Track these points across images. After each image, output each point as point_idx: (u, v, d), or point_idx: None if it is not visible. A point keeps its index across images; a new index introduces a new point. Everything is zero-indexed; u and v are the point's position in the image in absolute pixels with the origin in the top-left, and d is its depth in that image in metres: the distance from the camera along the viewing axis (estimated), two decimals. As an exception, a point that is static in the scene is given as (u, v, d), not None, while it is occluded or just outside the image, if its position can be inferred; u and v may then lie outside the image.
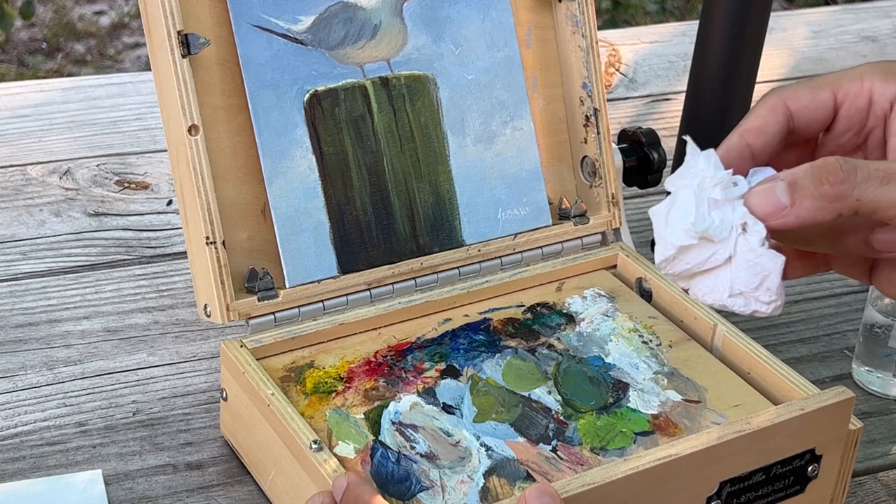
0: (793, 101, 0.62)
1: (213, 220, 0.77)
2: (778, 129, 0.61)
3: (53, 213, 1.04)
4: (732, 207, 0.58)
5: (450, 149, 0.85)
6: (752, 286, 0.58)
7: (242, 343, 0.78)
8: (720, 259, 0.58)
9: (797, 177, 0.57)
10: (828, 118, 0.62)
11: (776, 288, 0.58)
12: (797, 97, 0.62)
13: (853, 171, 0.56)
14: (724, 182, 0.58)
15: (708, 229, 0.57)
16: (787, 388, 0.77)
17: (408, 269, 0.83)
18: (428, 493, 0.70)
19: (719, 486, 0.72)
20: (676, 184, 0.59)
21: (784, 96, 0.62)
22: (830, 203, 0.56)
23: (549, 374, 0.79)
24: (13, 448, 0.81)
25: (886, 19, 1.49)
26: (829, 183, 0.56)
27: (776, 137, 0.61)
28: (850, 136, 0.63)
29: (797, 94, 0.62)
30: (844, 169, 0.56)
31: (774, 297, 0.59)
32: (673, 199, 0.59)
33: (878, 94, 0.61)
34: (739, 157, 0.61)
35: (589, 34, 0.88)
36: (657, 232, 0.59)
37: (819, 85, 0.62)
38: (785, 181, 0.57)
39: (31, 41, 2.87)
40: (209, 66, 0.78)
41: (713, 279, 0.59)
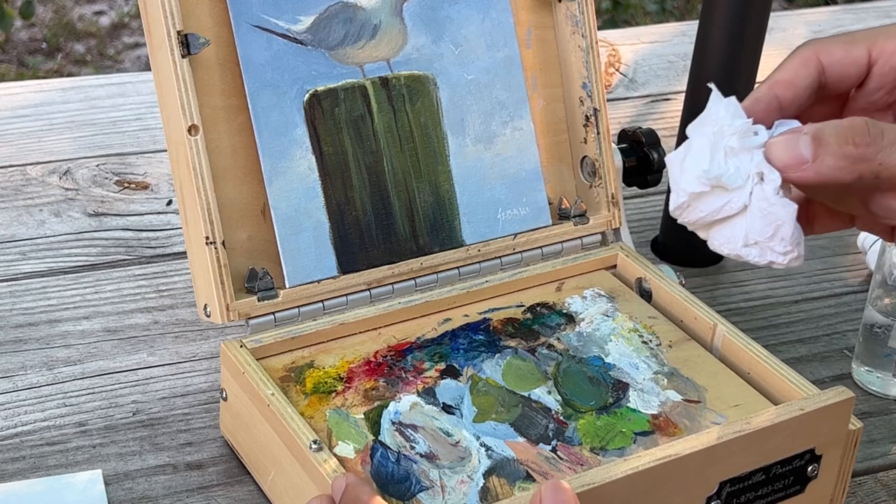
0: (826, 55, 0.60)
1: (212, 220, 0.77)
2: (809, 83, 0.60)
3: (53, 213, 1.04)
4: (750, 156, 0.57)
5: (450, 149, 0.85)
6: (766, 235, 0.57)
7: (242, 343, 0.78)
8: (735, 208, 0.57)
9: (822, 132, 0.56)
10: (861, 74, 0.61)
11: (790, 237, 0.57)
12: (830, 51, 0.60)
13: (879, 135, 0.55)
14: (743, 130, 0.57)
15: (721, 177, 0.57)
16: (787, 388, 0.77)
17: (408, 269, 0.83)
18: (428, 493, 0.70)
19: (719, 486, 0.72)
20: (695, 131, 0.58)
21: (817, 49, 0.60)
22: (853, 164, 0.56)
23: (548, 374, 0.79)
24: (13, 448, 0.81)
25: (886, 19, 1.49)
26: (853, 143, 0.55)
27: (806, 91, 0.60)
28: (882, 94, 0.62)
29: (830, 49, 0.60)
30: (872, 132, 0.55)
31: (790, 248, 0.58)
32: (689, 146, 0.58)
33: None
34: (767, 109, 0.60)
35: (589, 34, 0.88)
36: (672, 178, 0.58)
37: (854, 40, 0.61)
38: (809, 134, 0.56)
39: (31, 41, 2.87)
40: (209, 66, 0.78)
41: (729, 229, 0.58)
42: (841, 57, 0.60)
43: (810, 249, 1.07)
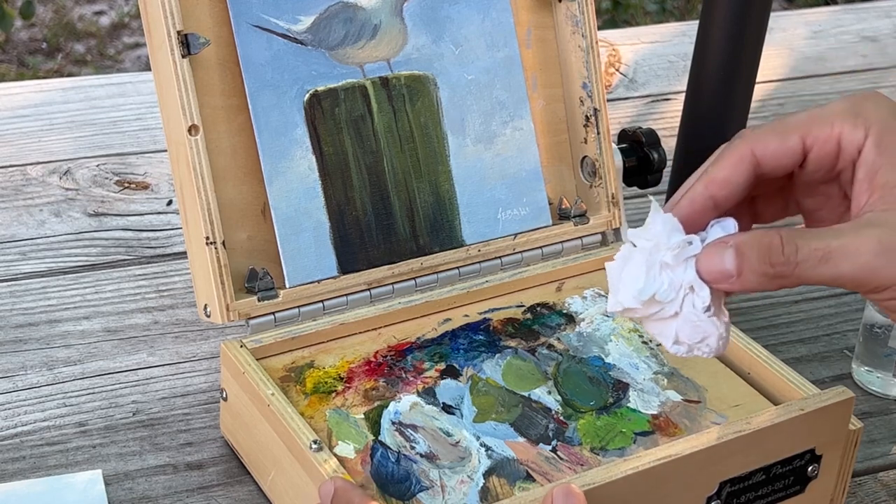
0: (760, 147, 0.62)
1: (213, 220, 0.77)
2: (744, 179, 0.62)
3: (53, 214, 1.04)
4: (684, 267, 0.61)
5: (450, 149, 0.85)
6: (694, 340, 0.62)
7: (242, 343, 0.78)
8: (667, 314, 0.62)
9: (744, 247, 0.59)
10: (796, 163, 0.63)
11: (716, 345, 0.62)
12: (765, 144, 0.62)
13: (794, 253, 0.58)
14: (679, 246, 0.61)
15: (656, 294, 0.61)
16: (787, 388, 0.77)
17: (408, 269, 0.83)
18: (428, 493, 0.70)
19: (719, 486, 0.72)
20: (635, 241, 0.62)
21: (752, 144, 0.62)
22: (772, 279, 0.59)
23: (548, 375, 0.79)
24: (13, 448, 0.81)
25: (886, 19, 1.49)
26: (770, 263, 0.59)
27: (742, 187, 0.62)
28: (821, 174, 0.63)
29: (765, 141, 0.62)
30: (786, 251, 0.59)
31: (716, 348, 0.63)
32: (627, 258, 0.62)
33: (847, 140, 0.61)
34: (703, 210, 0.62)
35: (589, 34, 0.88)
36: (610, 284, 0.62)
37: (787, 130, 0.62)
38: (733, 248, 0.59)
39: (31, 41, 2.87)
40: (209, 66, 0.78)
41: (660, 326, 0.63)
42: (775, 149, 0.62)
43: (810, 249, 1.07)
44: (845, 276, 0.59)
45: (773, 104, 1.30)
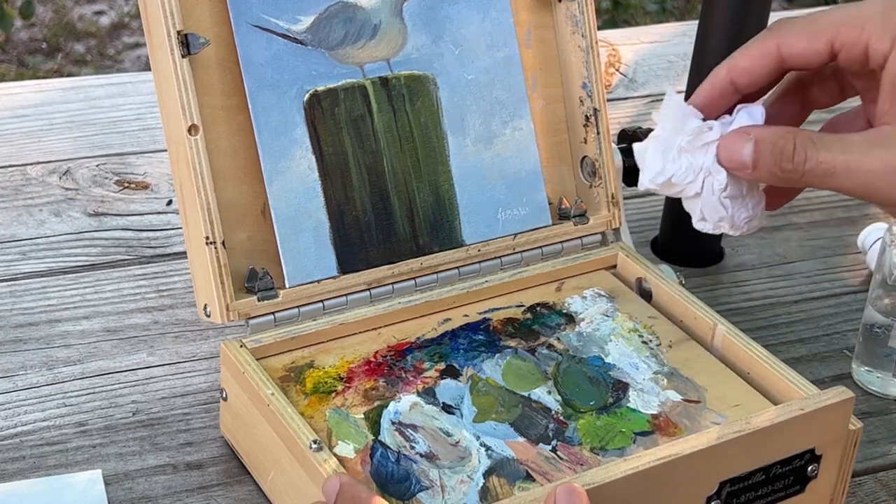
0: (787, 45, 0.63)
1: (212, 220, 0.77)
2: (767, 72, 0.64)
3: (53, 213, 1.04)
4: (704, 151, 0.65)
5: (450, 149, 0.85)
6: (715, 219, 0.66)
7: (242, 343, 0.78)
8: (689, 193, 0.66)
9: (762, 143, 0.62)
10: (824, 62, 0.64)
11: (741, 224, 0.67)
12: (791, 42, 0.63)
13: (802, 162, 0.61)
14: (694, 132, 0.64)
15: (672, 176, 0.65)
16: (787, 388, 0.77)
17: (408, 269, 0.83)
18: (428, 493, 0.70)
19: (719, 486, 0.72)
20: (658, 122, 0.66)
21: (780, 39, 0.63)
22: (783, 175, 0.62)
23: (548, 374, 0.79)
24: (13, 448, 0.81)
25: (886, 19, 1.49)
26: (780, 166, 0.62)
27: (763, 79, 0.65)
28: (856, 70, 0.64)
29: (792, 40, 0.63)
30: (795, 159, 0.61)
31: (740, 227, 0.67)
32: (648, 142, 0.67)
33: (874, 48, 0.62)
34: (722, 95, 0.65)
35: (589, 34, 0.88)
36: (639, 166, 0.67)
37: (816, 31, 0.63)
38: (752, 141, 0.62)
39: (31, 41, 2.87)
40: (209, 66, 0.78)
41: (688, 203, 0.67)
42: (802, 50, 0.64)
43: (810, 249, 1.07)
44: (846, 190, 0.61)
45: (773, 104, 1.30)
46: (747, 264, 1.05)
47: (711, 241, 1.06)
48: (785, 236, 1.09)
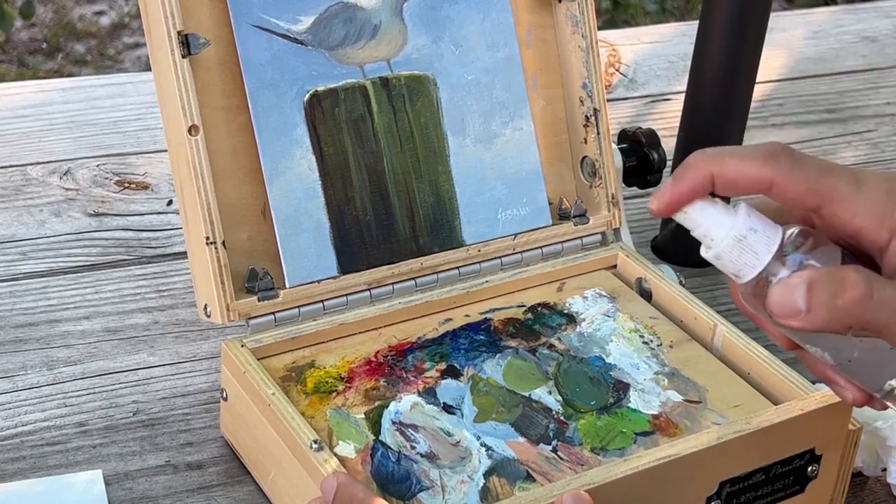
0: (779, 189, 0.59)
1: (213, 221, 0.77)
2: (750, 192, 0.60)
3: (53, 214, 1.04)
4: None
5: (450, 149, 0.85)
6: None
7: (243, 343, 0.78)
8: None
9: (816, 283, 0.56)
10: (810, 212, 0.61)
11: None
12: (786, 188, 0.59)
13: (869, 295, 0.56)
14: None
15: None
16: (787, 388, 0.77)
17: (408, 270, 0.83)
18: (428, 493, 0.70)
19: (719, 486, 0.72)
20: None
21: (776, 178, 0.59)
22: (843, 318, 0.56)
23: (549, 375, 0.79)
24: (13, 448, 0.81)
25: (886, 19, 1.49)
26: (843, 300, 0.56)
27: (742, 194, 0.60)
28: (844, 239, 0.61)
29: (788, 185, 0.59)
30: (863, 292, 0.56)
31: None
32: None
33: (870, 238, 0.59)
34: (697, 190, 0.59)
35: (589, 34, 0.88)
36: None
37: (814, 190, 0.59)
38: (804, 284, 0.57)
39: (31, 41, 2.87)
40: (209, 67, 0.78)
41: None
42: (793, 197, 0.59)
43: (810, 249, 1.07)
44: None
45: (772, 104, 1.30)
46: (747, 264, 1.05)
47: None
48: (785, 236, 1.09)
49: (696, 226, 0.59)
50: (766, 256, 0.58)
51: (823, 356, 0.61)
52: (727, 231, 0.58)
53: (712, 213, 0.59)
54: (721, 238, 0.59)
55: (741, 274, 0.59)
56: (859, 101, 1.32)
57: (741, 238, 0.58)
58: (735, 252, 0.58)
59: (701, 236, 0.60)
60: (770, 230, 0.58)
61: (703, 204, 0.59)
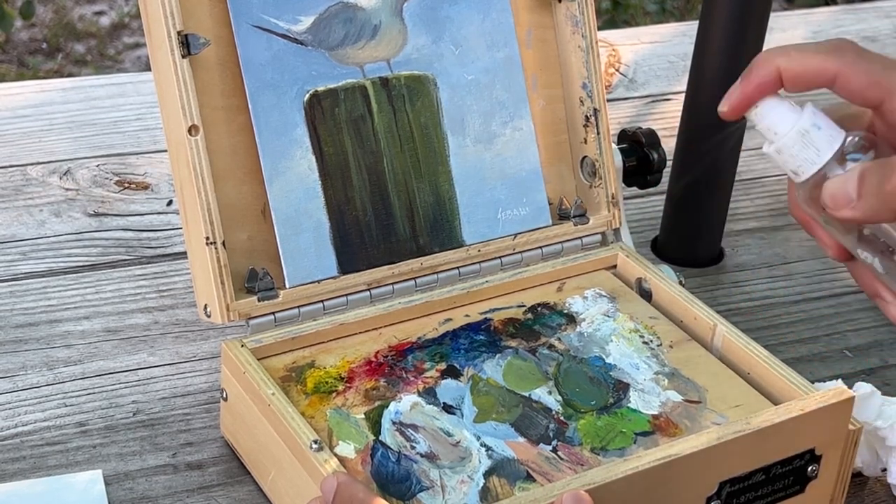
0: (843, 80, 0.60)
1: (213, 221, 0.77)
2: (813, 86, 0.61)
3: (53, 214, 1.04)
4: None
5: (450, 149, 0.85)
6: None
7: (243, 343, 0.78)
8: None
9: (867, 171, 0.57)
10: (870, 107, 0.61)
11: None
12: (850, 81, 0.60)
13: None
14: None
15: None
16: (787, 388, 0.77)
17: (408, 270, 0.83)
18: (428, 493, 0.70)
19: (719, 486, 0.72)
20: None
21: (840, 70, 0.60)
22: (890, 204, 0.57)
23: (549, 375, 0.79)
24: (13, 448, 0.81)
25: (886, 19, 1.49)
26: (891, 184, 0.56)
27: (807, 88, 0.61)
28: None
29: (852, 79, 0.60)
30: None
31: None
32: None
33: None
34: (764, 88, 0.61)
35: (589, 34, 0.88)
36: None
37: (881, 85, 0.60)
38: (856, 173, 0.57)
39: (31, 41, 2.87)
40: (209, 67, 0.78)
41: None
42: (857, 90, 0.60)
43: (810, 250, 1.07)
44: None
45: (773, 104, 1.30)
46: (747, 264, 1.05)
47: (711, 241, 1.06)
48: (785, 236, 1.09)
49: (762, 119, 0.60)
50: (827, 153, 0.59)
51: (873, 262, 0.61)
52: (792, 125, 0.59)
53: (779, 108, 0.60)
54: (785, 132, 0.59)
55: (801, 170, 0.59)
56: (859, 101, 1.32)
57: (805, 132, 0.59)
58: (797, 146, 0.59)
59: (765, 129, 0.60)
60: (834, 130, 0.59)
61: (771, 99, 0.60)
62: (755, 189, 1.15)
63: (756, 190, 1.15)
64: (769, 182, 1.16)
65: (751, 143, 1.15)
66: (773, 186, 1.16)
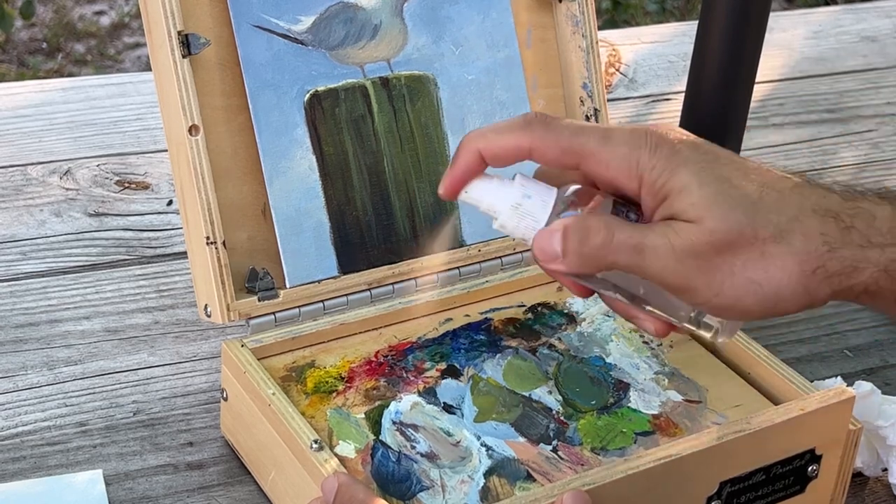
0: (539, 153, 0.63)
1: (213, 220, 0.77)
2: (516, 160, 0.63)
3: (54, 213, 1.04)
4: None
5: (450, 149, 0.85)
6: None
7: (243, 343, 0.78)
8: None
9: (569, 229, 0.60)
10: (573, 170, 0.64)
11: None
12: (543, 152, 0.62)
13: (609, 239, 0.60)
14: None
15: None
16: (787, 388, 0.77)
17: (408, 269, 0.83)
18: (428, 493, 0.70)
19: (719, 486, 0.72)
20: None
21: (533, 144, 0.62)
22: (591, 262, 0.60)
23: (549, 374, 0.79)
24: (14, 448, 0.81)
25: (886, 19, 1.49)
26: (588, 246, 0.60)
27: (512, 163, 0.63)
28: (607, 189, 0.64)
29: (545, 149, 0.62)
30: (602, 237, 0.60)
31: None
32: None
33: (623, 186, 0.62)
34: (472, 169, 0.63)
35: (589, 34, 0.88)
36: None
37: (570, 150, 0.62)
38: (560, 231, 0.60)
39: (31, 41, 2.87)
40: (209, 67, 0.78)
41: None
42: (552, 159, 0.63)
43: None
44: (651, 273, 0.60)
45: (773, 104, 1.30)
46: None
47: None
48: (785, 236, 1.09)
49: (479, 202, 0.63)
50: (543, 217, 0.62)
51: (616, 296, 0.64)
52: (504, 201, 0.62)
53: (490, 188, 0.63)
54: (501, 209, 0.62)
55: (527, 237, 0.62)
56: (859, 101, 1.32)
57: (518, 205, 0.62)
58: (516, 219, 0.62)
59: (486, 211, 0.63)
60: (545, 193, 0.62)
61: (481, 181, 0.63)
62: (755, 189, 1.15)
63: (756, 190, 1.15)
64: (769, 182, 1.16)
65: (751, 143, 1.15)
66: (773, 186, 1.15)
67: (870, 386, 0.81)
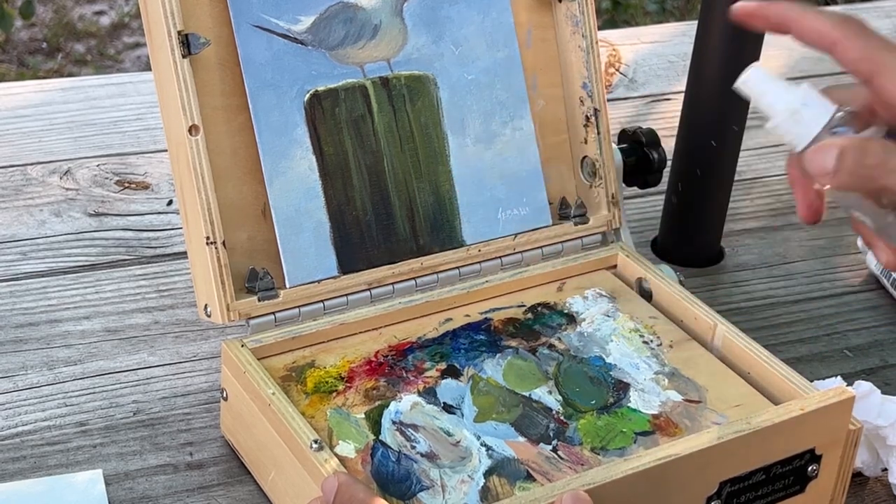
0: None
1: (213, 220, 0.77)
2: None
3: (53, 213, 1.04)
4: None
5: (450, 149, 0.85)
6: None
7: (243, 343, 0.78)
8: None
9: (846, 148, 0.63)
10: None
11: None
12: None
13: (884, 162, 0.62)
14: None
15: None
16: (787, 388, 0.77)
17: (408, 269, 0.83)
18: (428, 493, 0.70)
19: (719, 486, 0.72)
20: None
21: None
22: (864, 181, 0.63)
23: (549, 374, 0.79)
24: (14, 448, 0.81)
25: (886, 19, 1.49)
26: (863, 165, 0.62)
27: None
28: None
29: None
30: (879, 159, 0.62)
31: None
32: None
33: None
34: None
35: (589, 34, 0.88)
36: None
37: None
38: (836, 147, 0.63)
39: (31, 41, 2.87)
40: (209, 67, 0.78)
41: None
42: None
43: (810, 250, 1.07)
44: None
45: (773, 104, 1.30)
46: (747, 264, 1.05)
47: (711, 241, 1.06)
48: (785, 236, 1.09)
49: (760, 96, 0.67)
50: (815, 129, 0.65)
51: (864, 220, 0.68)
52: (785, 104, 0.65)
53: (773, 87, 0.66)
54: (780, 110, 0.66)
55: (794, 143, 0.65)
56: (859, 101, 1.31)
57: (796, 111, 0.65)
58: (790, 123, 0.65)
59: (764, 107, 0.66)
60: (823, 107, 0.65)
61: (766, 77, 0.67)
62: (755, 189, 1.15)
63: (756, 190, 1.15)
64: (769, 182, 1.16)
65: (751, 143, 1.15)
66: (773, 186, 1.16)
67: (870, 386, 0.81)
